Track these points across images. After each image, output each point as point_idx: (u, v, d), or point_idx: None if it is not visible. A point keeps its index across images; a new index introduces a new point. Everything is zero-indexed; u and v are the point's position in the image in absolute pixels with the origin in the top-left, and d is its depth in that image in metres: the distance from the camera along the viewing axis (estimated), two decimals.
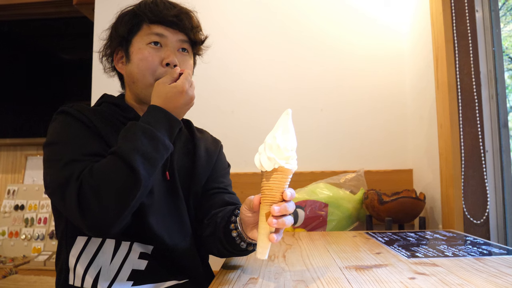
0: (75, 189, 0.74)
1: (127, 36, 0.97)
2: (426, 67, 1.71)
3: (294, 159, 0.71)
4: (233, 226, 0.84)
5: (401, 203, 1.56)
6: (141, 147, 0.77)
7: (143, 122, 0.81)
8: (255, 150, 0.74)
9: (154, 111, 0.84)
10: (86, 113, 0.90)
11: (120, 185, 0.75)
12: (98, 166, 0.77)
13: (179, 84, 0.85)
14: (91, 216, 0.74)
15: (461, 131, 1.46)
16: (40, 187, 2.67)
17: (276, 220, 0.69)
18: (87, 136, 0.87)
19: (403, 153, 1.95)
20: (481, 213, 1.42)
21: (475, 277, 0.78)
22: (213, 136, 1.18)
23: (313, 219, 1.62)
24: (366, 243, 1.20)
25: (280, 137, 0.71)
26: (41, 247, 2.46)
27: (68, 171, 0.78)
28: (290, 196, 0.71)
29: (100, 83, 2.17)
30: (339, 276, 0.82)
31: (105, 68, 1.07)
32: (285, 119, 0.73)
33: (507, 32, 1.56)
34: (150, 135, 0.79)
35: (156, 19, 0.95)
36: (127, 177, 0.75)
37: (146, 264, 0.90)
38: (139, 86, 0.95)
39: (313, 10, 2.05)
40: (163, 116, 0.83)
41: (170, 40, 0.96)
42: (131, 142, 0.78)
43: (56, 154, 0.84)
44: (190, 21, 0.98)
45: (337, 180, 1.81)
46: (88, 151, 0.83)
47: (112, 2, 2.22)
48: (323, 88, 2.01)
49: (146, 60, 0.93)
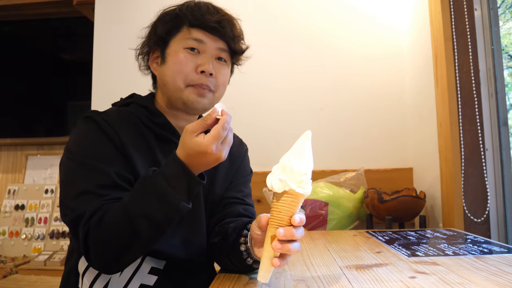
0: (83, 233, 0.75)
1: (165, 37, 0.93)
2: (426, 65, 1.71)
3: (307, 184, 0.68)
4: (242, 240, 0.82)
5: (401, 201, 1.56)
6: (150, 212, 0.73)
7: (160, 176, 0.73)
8: (254, 150, 0.73)
9: (174, 163, 0.74)
10: (113, 123, 0.87)
11: (122, 246, 0.74)
12: (107, 219, 0.74)
13: (203, 143, 0.72)
14: (94, 261, 0.78)
15: (460, 129, 1.46)
16: (40, 187, 2.67)
17: (281, 245, 0.66)
18: (108, 156, 0.83)
19: (403, 151, 1.95)
20: (482, 211, 1.42)
21: (476, 276, 0.78)
22: (239, 138, 1.13)
23: (313, 218, 1.62)
24: (366, 242, 1.20)
25: (295, 160, 0.68)
26: (42, 247, 2.46)
27: (80, 205, 0.77)
28: (298, 221, 0.67)
29: (100, 83, 2.17)
30: (339, 276, 0.82)
31: (140, 66, 1.03)
32: (303, 141, 0.71)
33: (506, 30, 1.56)
34: (164, 200, 0.72)
35: (197, 23, 0.91)
36: (129, 239, 0.74)
37: (155, 280, 0.88)
38: (169, 89, 0.92)
39: (312, 9, 2.05)
40: (182, 173, 0.73)
41: (208, 47, 0.92)
42: (142, 204, 0.73)
43: (73, 175, 0.82)
44: (232, 29, 0.95)
45: (337, 179, 1.81)
46: (104, 182, 0.80)
47: (112, 2, 2.22)
48: (323, 87, 2.01)
49: (180, 63, 0.90)
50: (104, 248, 0.75)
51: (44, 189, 2.65)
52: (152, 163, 0.89)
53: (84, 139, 0.86)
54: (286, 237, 0.66)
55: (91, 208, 0.76)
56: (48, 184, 2.70)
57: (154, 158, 0.90)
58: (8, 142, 2.93)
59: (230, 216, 0.97)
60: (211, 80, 0.92)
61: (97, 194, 0.78)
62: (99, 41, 2.21)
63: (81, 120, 0.89)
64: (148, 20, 1.01)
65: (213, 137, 0.72)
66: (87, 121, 0.88)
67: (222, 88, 0.97)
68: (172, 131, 0.95)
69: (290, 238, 0.67)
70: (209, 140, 0.72)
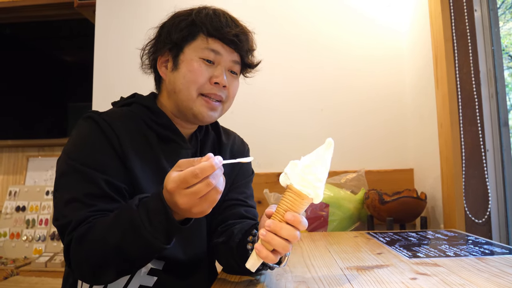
0: (66, 242, 0.77)
1: (179, 43, 0.91)
2: (426, 66, 1.71)
3: (311, 188, 0.67)
4: (250, 239, 0.81)
5: (402, 203, 1.56)
6: (125, 248, 0.70)
7: (141, 211, 0.69)
8: (254, 151, 0.73)
9: (158, 201, 0.68)
10: (114, 124, 0.86)
11: (98, 266, 0.74)
12: (90, 237, 0.73)
13: (183, 202, 0.64)
14: (75, 272, 0.78)
15: (461, 130, 1.46)
16: (41, 188, 2.67)
17: (265, 233, 0.66)
18: (103, 163, 0.82)
19: (403, 152, 1.95)
20: (483, 212, 1.42)
21: (477, 277, 0.78)
22: (240, 138, 1.14)
23: (314, 220, 1.62)
24: (367, 243, 1.20)
25: (307, 159, 0.69)
26: (42, 249, 2.46)
27: (68, 213, 0.78)
28: (290, 217, 0.66)
29: (101, 84, 2.17)
30: (340, 277, 0.82)
31: (143, 65, 1.00)
32: (323, 148, 0.70)
33: (506, 30, 1.56)
34: (141, 238, 0.68)
35: (216, 34, 0.89)
36: (104, 262, 0.73)
37: (155, 280, 0.88)
38: (180, 98, 0.91)
39: (313, 11, 2.06)
40: (164, 217, 0.67)
41: (224, 59, 0.91)
42: (118, 236, 0.70)
43: (66, 179, 0.82)
44: (247, 43, 0.94)
45: (338, 180, 1.81)
46: (93, 191, 0.79)
47: (113, 4, 2.23)
48: (323, 88, 2.01)
49: (195, 73, 0.89)
50: (83, 263, 0.75)
51: (45, 191, 2.66)
52: (154, 164, 0.89)
53: (82, 141, 0.85)
54: (271, 229, 0.66)
55: (77, 218, 0.76)
56: (49, 185, 2.70)
57: (156, 159, 0.90)
58: (9, 143, 2.94)
59: (232, 218, 0.96)
60: (224, 91, 0.93)
61: (85, 204, 0.78)
62: (100, 43, 2.21)
63: (82, 120, 0.89)
64: (148, 22, 1.00)
65: (178, 176, 0.63)
66: (88, 121, 0.87)
67: (232, 99, 0.97)
68: (175, 131, 0.94)
69: (275, 232, 0.66)
70: (173, 178, 0.64)
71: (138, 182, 0.85)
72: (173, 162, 0.79)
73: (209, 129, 1.05)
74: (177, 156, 0.92)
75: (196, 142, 1.00)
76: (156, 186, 0.87)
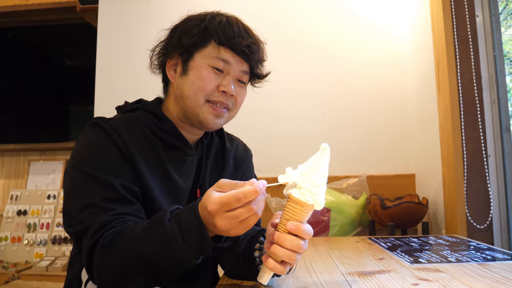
0: (88, 247, 0.74)
1: (190, 49, 0.91)
2: (427, 71, 1.71)
3: (309, 194, 0.67)
4: (257, 246, 0.81)
5: (404, 208, 1.56)
6: (156, 261, 0.70)
7: (174, 227, 0.68)
8: (256, 156, 0.73)
9: (193, 218, 0.68)
10: (121, 131, 0.85)
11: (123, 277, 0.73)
12: (116, 246, 0.72)
13: (222, 225, 0.65)
14: (96, 279, 0.76)
15: (463, 136, 1.46)
16: (42, 192, 2.68)
17: (269, 245, 0.67)
18: (114, 167, 0.82)
19: (405, 157, 1.95)
20: (485, 218, 1.42)
21: (479, 283, 0.77)
22: (244, 144, 1.13)
23: (316, 225, 1.61)
24: (369, 249, 1.19)
25: (303, 166, 0.69)
26: (44, 253, 2.46)
27: (86, 218, 0.76)
28: (291, 227, 0.67)
29: (103, 89, 2.18)
30: (341, 282, 0.81)
31: (151, 65, 1.00)
32: (318, 154, 0.70)
33: (508, 36, 1.56)
34: (173, 253, 0.68)
35: (227, 43, 0.89)
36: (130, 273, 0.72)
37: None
38: (187, 103, 0.91)
39: (315, 16, 2.07)
40: (199, 235, 0.67)
41: (233, 69, 0.91)
42: (148, 249, 0.69)
43: (78, 185, 0.81)
44: (258, 53, 0.94)
45: (339, 185, 1.81)
46: (110, 195, 0.79)
47: (115, 9, 2.24)
48: (325, 93, 2.02)
49: (203, 80, 0.88)
50: (108, 272, 0.74)
51: (46, 195, 2.66)
52: (160, 171, 0.89)
53: (91, 147, 0.84)
54: (274, 240, 0.67)
55: (97, 223, 0.75)
56: (51, 189, 2.70)
57: (162, 165, 0.89)
58: (11, 147, 2.94)
59: None
60: (231, 99, 0.93)
61: (103, 208, 0.77)
62: (102, 47, 2.22)
63: (88, 126, 0.88)
64: (150, 27, 1.01)
65: (220, 198, 0.64)
66: (95, 127, 0.86)
67: (238, 108, 0.98)
68: (181, 138, 0.94)
69: (278, 243, 0.67)
70: (215, 200, 0.64)
71: (148, 187, 0.85)
72: (179, 168, 0.78)
73: (213, 134, 1.05)
74: (183, 162, 0.93)
75: (202, 148, 1.00)
76: (164, 191, 0.87)
